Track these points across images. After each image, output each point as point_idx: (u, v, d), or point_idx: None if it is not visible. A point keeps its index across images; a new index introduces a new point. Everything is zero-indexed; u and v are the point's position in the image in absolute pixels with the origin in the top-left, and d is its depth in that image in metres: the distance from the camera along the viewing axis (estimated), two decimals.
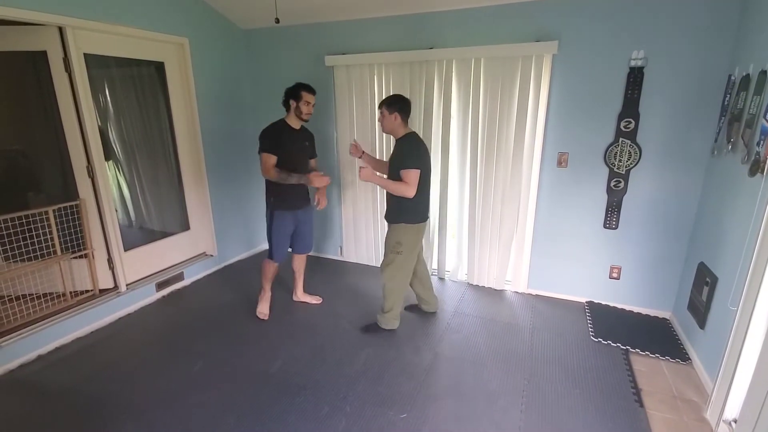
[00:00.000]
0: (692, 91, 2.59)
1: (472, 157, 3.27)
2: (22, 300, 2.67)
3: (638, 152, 2.78)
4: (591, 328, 2.85)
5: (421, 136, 2.62)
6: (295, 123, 2.80)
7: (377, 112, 2.63)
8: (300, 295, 3.27)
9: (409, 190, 2.44)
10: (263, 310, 3.03)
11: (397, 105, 2.50)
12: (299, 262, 3.17)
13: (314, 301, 3.25)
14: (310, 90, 2.76)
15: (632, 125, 2.75)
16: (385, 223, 3.66)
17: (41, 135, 2.91)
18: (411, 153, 2.48)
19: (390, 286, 2.71)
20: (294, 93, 2.74)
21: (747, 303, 1.86)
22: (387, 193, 2.63)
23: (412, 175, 2.43)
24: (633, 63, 2.66)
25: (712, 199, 2.52)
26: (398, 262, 2.64)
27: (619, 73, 2.72)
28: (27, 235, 2.63)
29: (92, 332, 2.87)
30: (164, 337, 2.82)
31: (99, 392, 2.27)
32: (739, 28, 2.39)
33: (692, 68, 2.56)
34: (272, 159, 2.67)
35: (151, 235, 3.44)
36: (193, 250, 3.74)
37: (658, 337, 2.73)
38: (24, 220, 2.60)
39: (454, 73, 3.16)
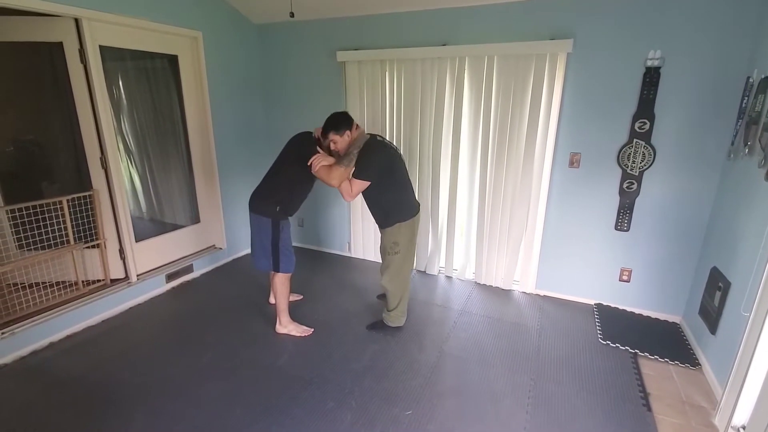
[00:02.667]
0: (709, 92, 2.55)
1: (482, 155, 3.25)
2: (35, 288, 2.72)
3: (652, 154, 2.74)
4: (599, 330, 2.83)
5: (390, 138, 2.66)
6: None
7: (330, 143, 2.41)
8: (296, 297, 3.23)
9: (347, 196, 2.39)
10: (298, 328, 2.77)
11: (343, 125, 2.38)
12: None
13: (295, 298, 3.20)
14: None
15: (647, 126, 2.71)
16: None
17: (56, 125, 2.95)
18: (366, 164, 2.37)
19: (392, 288, 2.67)
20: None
21: (760, 309, 1.83)
22: (370, 205, 2.59)
23: (358, 186, 2.37)
24: (649, 63, 2.62)
25: (727, 202, 2.48)
26: (397, 263, 2.60)
27: (635, 73, 2.68)
28: (41, 224, 2.67)
29: (103, 321, 2.91)
30: (173, 328, 2.85)
31: (109, 380, 2.30)
32: (758, 30, 2.34)
33: (710, 69, 2.52)
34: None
35: (161, 227, 3.48)
36: (202, 243, 3.77)
37: (667, 342, 2.70)
38: (38, 209, 2.65)
39: (466, 71, 3.14)
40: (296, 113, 3.95)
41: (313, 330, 2.77)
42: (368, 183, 2.39)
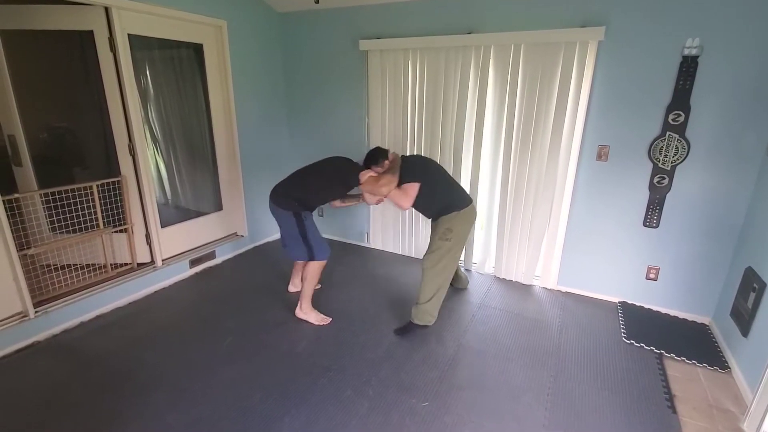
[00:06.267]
0: (750, 84, 2.41)
1: (506, 146, 3.18)
2: (66, 269, 2.82)
3: (686, 147, 2.63)
4: (623, 329, 2.75)
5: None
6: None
7: (371, 172, 2.63)
8: (298, 284, 3.12)
9: (403, 202, 2.54)
10: (318, 316, 2.79)
11: (379, 158, 2.67)
12: None
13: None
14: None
15: (682, 118, 2.59)
16: (415, 215, 3.69)
17: (87, 113, 3.03)
18: (408, 169, 2.59)
19: (429, 274, 2.57)
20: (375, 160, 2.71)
21: None
22: (425, 203, 2.65)
23: (411, 189, 2.53)
24: (687, 51, 2.50)
25: (765, 200, 2.36)
26: (444, 250, 2.56)
27: (671, 63, 2.56)
28: (72, 208, 2.76)
29: (130, 303, 3.01)
30: (196, 313, 2.92)
31: (134, 360, 2.39)
32: None
33: (752, 59, 2.38)
34: None
35: (185, 214, 3.55)
36: (224, 230, 3.84)
37: (695, 343, 2.61)
38: (70, 194, 2.74)
39: (491, 60, 3.06)
40: (318, 103, 3.96)
41: (331, 319, 2.79)
42: (419, 183, 2.54)
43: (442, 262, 2.58)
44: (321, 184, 2.68)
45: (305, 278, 2.75)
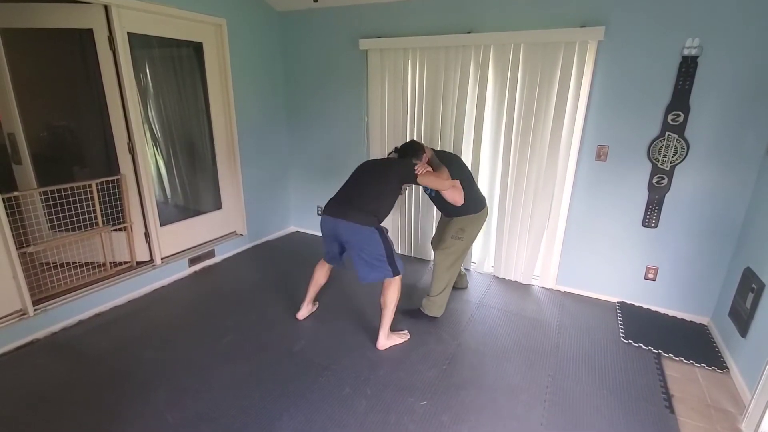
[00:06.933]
0: (750, 84, 2.41)
1: (505, 146, 3.18)
2: (65, 267, 2.83)
3: (685, 147, 2.63)
4: (622, 329, 2.75)
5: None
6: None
7: (422, 166, 2.51)
8: (311, 307, 2.88)
9: (459, 197, 2.49)
10: (400, 336, 2.59)
11: (419, 151, 2.59)
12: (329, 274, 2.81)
13: (313, 309, 2.93)
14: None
15: (681, 118, 2.59)
16: (414, 213, 3.70)
17: (87, 112, 3.03)
18: (449, 166, 2.56)
19: (441, 269, 2.72)
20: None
21: None
22: (442, 201, 2.64)
23: (459, 184, 2.54)
24: (686, 52, 2.50)
25: (765, 200, 2.36)
26: (456, 248, 2.70)
27: (670, 63, 2.56)
28: (72, 206, 2.76)
29: (129, 301, 3.01)
30: (195, 311, 2.92)
31: (133, 359, 2.39)
32: None
33: (751, 59, 2.38)
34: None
35: (185, 213, 3.55)
36: (224, 229, 3.84)
37: (693, 343, 2.61)
38: (69, 192, 2.74)
39: (491, 60, 3.06)
40: (318, 101, 3.96)
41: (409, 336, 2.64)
42: (458, 180, 2.56)
43: (453, 259, 2.72)
44: (385, 188, 2.43)
45: (387, 305, 2.42)
